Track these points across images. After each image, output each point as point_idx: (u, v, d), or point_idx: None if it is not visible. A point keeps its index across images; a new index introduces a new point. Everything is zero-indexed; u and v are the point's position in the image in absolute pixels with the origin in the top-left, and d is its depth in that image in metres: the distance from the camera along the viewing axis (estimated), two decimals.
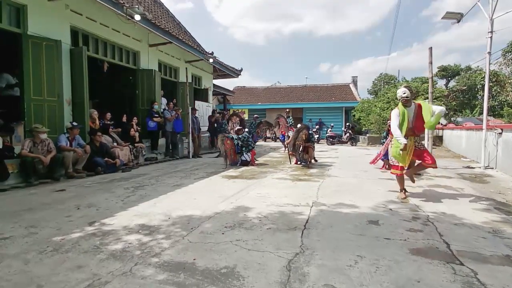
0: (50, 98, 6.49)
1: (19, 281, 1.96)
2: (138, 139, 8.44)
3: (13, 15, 6.07)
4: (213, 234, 2.79)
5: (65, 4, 6.92)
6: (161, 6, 12.81)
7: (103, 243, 2.57)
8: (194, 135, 9.98)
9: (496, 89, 21.25)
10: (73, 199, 4.21)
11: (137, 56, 9.79)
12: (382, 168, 6.95)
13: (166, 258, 2.27)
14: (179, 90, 11.86)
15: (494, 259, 2.26)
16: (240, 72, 16.04)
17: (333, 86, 26.03)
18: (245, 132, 8.26)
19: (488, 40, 7.24)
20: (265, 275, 2.01)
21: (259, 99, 25.09)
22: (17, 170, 5.39)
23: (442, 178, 5.74)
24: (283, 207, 3.70)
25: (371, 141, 15.87)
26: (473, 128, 9.51)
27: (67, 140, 6.18)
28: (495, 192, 4.68)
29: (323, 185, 5.11)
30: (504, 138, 6.56)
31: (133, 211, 3.55)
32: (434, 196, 4.27)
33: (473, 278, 1.97)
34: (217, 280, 1.95)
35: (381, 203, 3.86)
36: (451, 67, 31.82)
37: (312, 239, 2.65)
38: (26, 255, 2.35)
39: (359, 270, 2.08)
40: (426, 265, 2.15)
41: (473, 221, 3.14)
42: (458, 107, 23.66)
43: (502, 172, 6.46)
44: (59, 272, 2.07)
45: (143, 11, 7.85)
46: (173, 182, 5.44)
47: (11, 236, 2.76)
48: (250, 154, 7.80)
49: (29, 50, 6.11)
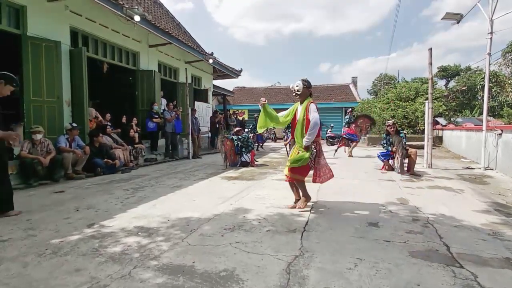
0: (50, 99, 6.49)
1: (17, 284, 1.95)
2: (137, 140, 8.44)
3: (13, 16, 6.07)
4: (212, 236, 2.78)
5: (64, 5, 6.92)
6: (161, 7, 12.82)
7: (102, 246, 2.56)
8: (194, 136, 9.98)
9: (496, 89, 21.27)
10: (72, 200, 4.20)
11: (137, 57, 9.79)
12: (382, 169, 6.94)
13: (165, 261, 2.26)
14: (179, 90, 11.86)
15: (494, 262, 2.25)
16: (240, 72, 16.05)
17: (333, 87, 26.04)
18: (244, 133, 8.26)
19: (488, 41, 7.24)
20: (264, 279, 2.00)
21: (259, 100, 25.09)
22: (16, 171, 5.38)
23: (442, 179, 5.73)
24: (282, 209, 3.69)
25: (371, 141, 15.86)
26: (473, 129, 9.50)
27: (66, 141, 6.17)
28: (495, 193, 4.67)
29: (323, 187, 5.09)
30: (504, 139, 6.56)
31: (132, 213, 3.55)
32: (434, 198, 4.27)
33: (473, 281, 1.96)
34: (216, 283, 1.94)
35: (381, 205, 3.85)
36: (451, 68, 31.87)
37: (312, 242, 2.64)
38: (25, 258, 2.34)
39: (359, 273, 2.08)
40: (426, 268, 2.15)
41: (473, 223, 3.13)
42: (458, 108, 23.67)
43: (502, 173, 6.45)
44: (58, 275, 2.06)
45: (142, 12, 7.84)
46: (173, 183, 5.44)
47: (10, 238, 2.76)
48: (250, 155, 7.79)
49: (29, 51, 6.11)
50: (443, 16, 8.30)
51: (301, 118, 3.56)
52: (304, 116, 3.54)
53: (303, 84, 3.59)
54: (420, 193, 4.60)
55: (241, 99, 25.00)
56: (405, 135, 6.76)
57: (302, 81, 3.61)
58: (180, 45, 10.45)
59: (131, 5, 7.90)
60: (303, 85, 3.59)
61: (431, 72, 7.46)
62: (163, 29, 9.28)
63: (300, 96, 3.62)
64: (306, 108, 3.54)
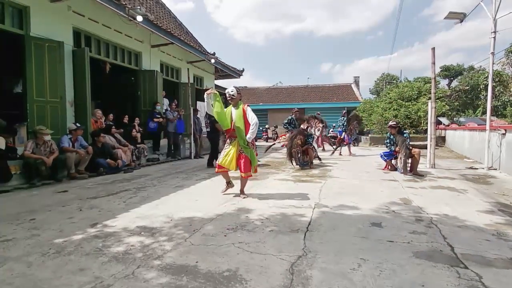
0: (53, 99, 6.51)
1: (21, 284, 1.96)
2: (140, 140, 8.45)
3: (16, 16, 6.09)
4: (215, 236, 2.78)
5: (67, 6, 6.94)
6: (163, 7, 12.83)
7: (105, 246, 2.56)
8: (196, 136, 9.99)
9: (499, 89, 21.14)
10: (75, 200, 4.22)
11: (139, 57, 9.81)
12: (385, 169, 6.92)
13: (168, 261, 2.26)
14: (181, 90, 11.88)
15: (499, 263, 2.24)
16: (241, 72, 16.04)
17: (335, 86, 26.01)
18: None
19: (491, 40, 7.19)
20: (267, 279, 2.00)
21: (261, 100, 25.07)
22: (20, 171, 5.41)
23: (445, 179, 5.70)
24: (285, 209, 3.69)
25: (373, 141, 15.83)
26: (476, 129, 9.45)
27: (69, 141, 6.19)
28: (498, 193, 4.64)
29: (325, 187, 5.09)
30: (508, 139, 6.52)
31: (135, 213, 3.55)
32: (437, 198, 4.25)
33: (478, 282, 1.95)
34: (220, 283, 1.94)
35: (383, 205, 3.84)
36: (454, 67, 31.71)
37: (315, 242, 2.64)
38: (28, 257, 2.35)
39: (362, 273, 2.07)
40: (430, 269, 2.13)
41: (477, 224, 3.12)
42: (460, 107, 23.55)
43: (505, 173, 6.42)
44: (62, 275, 2.07)
45: (145, 12, 7.86)
46: (175, 183, 5.44)
47: (14, 238, 2.77)
48: None
49: (32, 51, 6.13)
50: (446, 15, 8.26)
51: (241, 120, 4.11)
52: (243, 118, 4.12)
53: (236, 90, 4.19)
54: (423, 193, 4.58)
55: (243, 99, 24.95)
56: (408, 134, 6.74)
57: (235, 88, 4.21)
58: (182, 45, 10.45)
59: (133, 5, 7.91)
60: (237, 91, 4.19)
61: (434, 71, 7.43)
62: (165, 29, 9.29)
63: (233, 100, 4.19)
64: (244, 112, 4.14)
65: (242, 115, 4.12)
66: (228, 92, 4.18)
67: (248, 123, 4.13)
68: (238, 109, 4.16)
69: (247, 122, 4.14)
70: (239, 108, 4.16)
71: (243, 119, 4.12)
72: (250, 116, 4.14)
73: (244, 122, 4.12)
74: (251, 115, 4.15)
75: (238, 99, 4.21)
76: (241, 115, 4.12)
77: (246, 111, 4.16)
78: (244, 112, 4.14)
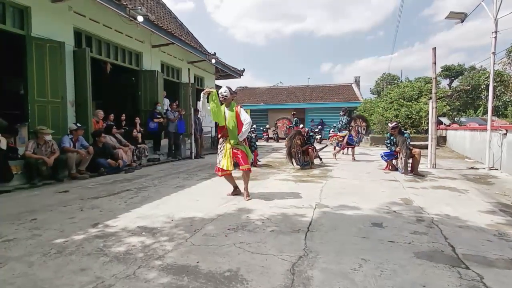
0: (54, 100, 6.52)
1: (22, 284, 1.96)
2: (140, 140, 8.46)
3: (17, 16, 6.10)
4: (216, 236, 2.79)
5: (68, 6, 6.95)
6: (163, 7, 12.84)
7: (106, 246, 2.57)
8: (196, 136, 9.99)
9: (500, 89, 21.08)
10: (76, 200, 4.22)
11: (140, 57, 9.81)
12: (385, 169, 6.91)
13: (169, 261, 2.26)
14: (182, 90, 11.88)
15: (500, 263, 2.24)
16: (242, 72, 16.03)
17: (336, 86, 25.97)
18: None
19: (492, 40, 7.18)
20: (268, 279, 2.00)
21: (262, 100, 25.07)
22: (21, 171, 5.42)
23: (446, 180, 5.69)
24: (286, 209, 3.69)
25: (374, 141, 15.81)
26: (477, 129, 9.43)
27: (70, 141, 6.20)
28: (500, 194, 4.63)
29: (326, 187, 5.09)
30: (509, 139, 6.51)
31: (136, 213, 3.56)
32: (438, 198, 4.24)
33: (479, 283, 1.95)
34: (221, 283, 1.94)
35: (384, 205, 3.84)
36: (455, 67, 31.66)
37: (316, 242, 2.64)
38: (30, 257, 2.35)
39: (364, 274, 2.07)
40: (431, 269, 2.13)
41: (478, 224, 3.11)
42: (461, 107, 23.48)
43: (507, 173, 6.40)
44: (63, 275, 2.07)
45: (145, 13, 7.87)
46: (176, 183, 5.45)
47: (15, 238, 2.77)
48: (253, 155, 7.78)
49: (33, 51, 6.14)
50: (447, 15, 8.24)
51: (234, 120, 4.15)
52: (235, 118, 4.17)
53: (229, 91, 4.19)
54: (424, 193, 4.57)
55: (243, 99, 24.97)
56: (409, 135, 6.73)
57: (228, 88, 4.22)
58: (183, 45, 10.46)
59: (134, 5, 7.92)
60: (229, 92, 4.19)
61: (435, 71, 7.42)
62: (166, 30, 9.30)
63: (226, 100, 4.19)
64: (237, 112, 4.19)
65: (235, 116, 4.17)
66: (221, 92, 4.19)
67: (241, 123, 4.18)
68: (231, 109, 4.19)
69: (239, 122, 4.18)
70: (232, 108, 4.20)
71: (236, 119, 4.16)
72: (243, 117, 4.20)
73: (237, 123, 4.17)
74: (244, 116, 4.20)
75: (230, 99, 4.22)
76: (233, 115, 4.16)
77: (240, 112, 4.21)
78: (237, 113, 4.19)
